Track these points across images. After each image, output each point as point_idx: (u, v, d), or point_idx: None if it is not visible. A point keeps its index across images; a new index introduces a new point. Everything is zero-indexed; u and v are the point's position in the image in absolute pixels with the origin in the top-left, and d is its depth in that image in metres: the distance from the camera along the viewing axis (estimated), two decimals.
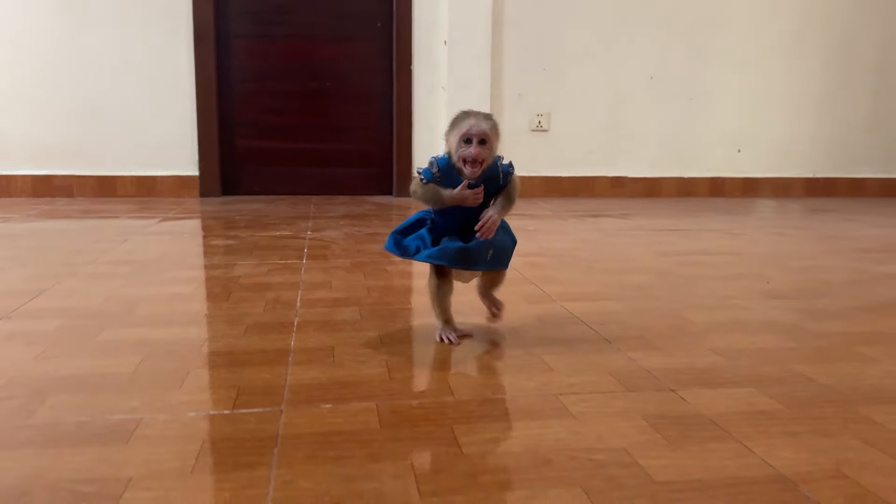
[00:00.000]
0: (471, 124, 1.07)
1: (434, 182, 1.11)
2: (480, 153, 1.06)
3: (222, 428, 0.81)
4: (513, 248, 1.18)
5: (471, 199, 1.09)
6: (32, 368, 1.02)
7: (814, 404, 0.93)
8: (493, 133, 1.09)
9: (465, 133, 1.07)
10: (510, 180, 1.13)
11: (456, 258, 1.09)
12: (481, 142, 1.07)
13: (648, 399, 0.93)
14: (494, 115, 1.12)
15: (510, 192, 1.13)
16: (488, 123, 1.08)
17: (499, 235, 1.13)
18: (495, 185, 1.12)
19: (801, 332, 1.28)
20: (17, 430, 0.81)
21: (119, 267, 1.77)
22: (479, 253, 1.10)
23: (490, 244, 1.11)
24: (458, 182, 1.09)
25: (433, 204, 1.12)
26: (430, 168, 1.11)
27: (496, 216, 1.10)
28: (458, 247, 1.09)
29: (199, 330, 1.25)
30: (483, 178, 1.09)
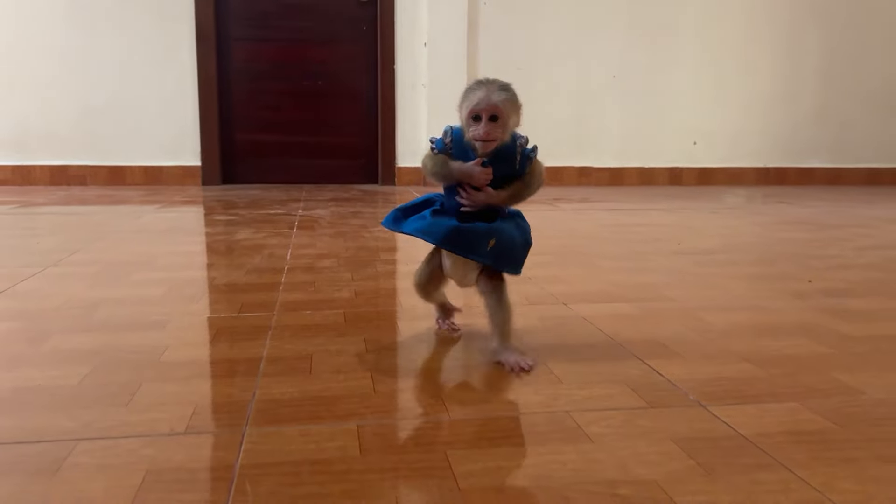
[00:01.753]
0: (479, 97, 0.91)
1: (445, 153, 0.96)
2: (491, 132, 0.91)
3: (230, 325, 1.15)
4: (524, 249, 1.00)
5: (478, 177, 0.93)
6: (86, 294, 1.36)
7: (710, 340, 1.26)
8: (506, 107, 0.92)
9: (472, 109, 0.91)
10: (531, 166, 0.97)
11: (447, 237, 0.93)
12: (492, 118, 0.91)
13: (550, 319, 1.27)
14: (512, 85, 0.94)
15: (529, 181, 0.96)
16: (500, 95, 0.91)
17: (506, 227, 0.97)
18: (510, 168, 0.95)
19: (683, 273, 1.62)
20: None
21: (139, 234, 2.10)
22: (477, 238, 0.93)
23: (494, 233, 0.94)
24: (470, 157, 0.94)
25: (441, 178, 0.96)
26: (444, 138, 0.96)
27: (495, 197, 0.95)
28: (452, 225, 0.94)
29: (211, 272, 1.58)
30: (498, 153, 0.94)
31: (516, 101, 0.94)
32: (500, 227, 0.96)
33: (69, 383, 0.89)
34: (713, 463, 0.69)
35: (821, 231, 2.34)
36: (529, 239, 1.01)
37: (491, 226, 0.95)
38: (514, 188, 0.96)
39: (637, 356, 1.01)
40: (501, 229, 0.96)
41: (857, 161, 4.27)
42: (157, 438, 0.74)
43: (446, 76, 3.72)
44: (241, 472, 0.67)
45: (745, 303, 1.36)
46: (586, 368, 0.96)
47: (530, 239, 1.02)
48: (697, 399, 0.85)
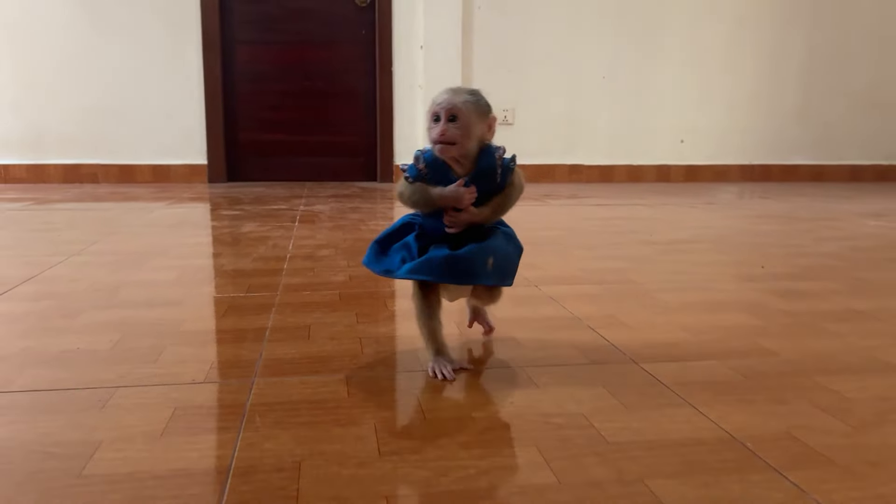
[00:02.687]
0: (441, 99, 0.90)
1: (421, 180, 0.92)
2: (447, 131, 0.88)
3: (239, 303, 1.32)
4: (518, 258, 0.97)
5: (465, 199, 0.90)
6: (108, 278, 1.52)
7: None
8: (468, 108, 0.89)
9: (433, 110, 0.90)
10: (510, 179, 0.93)
11: (444, 270, 0.88)
12: (451, 118, 0.88)
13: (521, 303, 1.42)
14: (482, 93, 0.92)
15: (510, 192, 0.94)
16: (462, 97, 0.89)
17: (498, 242, 0.93)
18: (492, 184, 0.92)
19: (649, 260, 1.78)
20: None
21: (151, 227, 2.27)
22: (474, 262, 0.89)
23: (489, 251, 0.90)
24: (448, 178, 0.91)
25: (423, 207, 0.93)
26: (416, 164, 0.92)
27: (479, 215, 0.92)
28: (446, 255, 0.88)
29: (220, 260, 1.75)
30: (479, 171, 0.91)
31: (483, 109, 0.90)
32: (494, 245, 0.92)
33: (103, 347, 1.05)
34: (633, 402, 0.85)
35: (789, 224, 2.49)
36: (520, 244, 0.99)
37: (483, 245, 0.91)
38: (496, 203, 0.93)
39: (590, 327, 1.17)
40: (495, 246, 0.92)
41: (840, 158, 4.42)
42: (181, 386, 0.90)
43: (442, 77, 3.87)
44: (251, 408, 0.83)
45: (699, 285, 1.52)
46: (544, 336, 1.12)
47: (521, 244, 0.99)
48: (632, 358, 1.01)
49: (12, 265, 1.65)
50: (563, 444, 0.74)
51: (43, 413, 0.81)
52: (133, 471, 0.68)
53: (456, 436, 0.76)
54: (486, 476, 0.67)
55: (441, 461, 0.70)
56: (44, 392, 0.88)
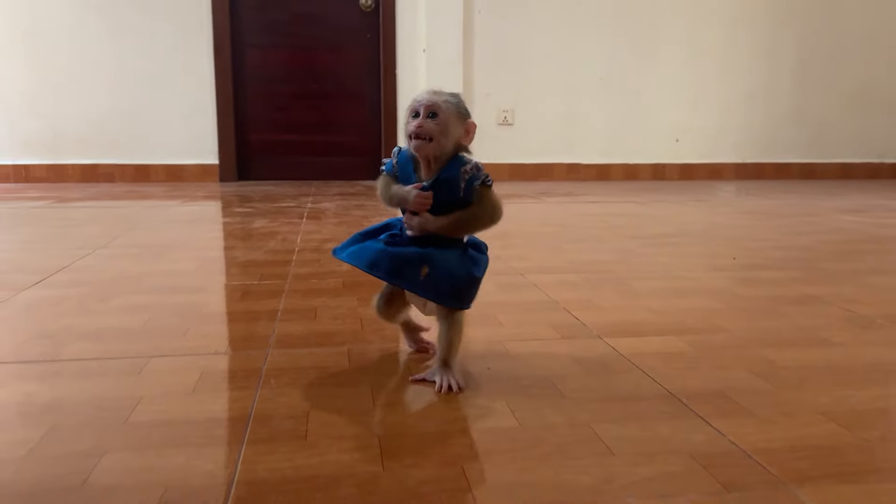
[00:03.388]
0: (422, 96, 0.90)
1: (392, 176, 0.93)
2: (424, 125, 0.87)
3: (253, 289, 1.46)
4: (468, 283, 0.92)
5: (414, 202, 0.88)
6: (133, 269, 1.68)
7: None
8: (448, 109, 0.88)
9: (413, 106, 0.90)
10: (478, 198, 0.90)
11: (372, 263, 0.88)
12: (430, 115, 0.88)
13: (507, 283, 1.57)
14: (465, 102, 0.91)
15: (477, 212, 0.90)
16: (442, 97, 0.89)
17: (446, 256, 0.90)
18: (453, 194, 0.89)
19: (630, 252, 1.91)
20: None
21: (169, 223, 2.42)
22: (406, 264, 0.88)
23: (427, 259, 0.88)
24: (412, 180, 0.91)
25: (385, 201, 0.94)
26: (392, 158, 0.94)
27: (431, 221, 0.90)
28: (378, 248, 0.90)
29: (234, 252, 1.90)
30: (437, 179, 0.89)
31: (463, 113, 0.90)
32: (437, 256, 0.89)
33: (135, 326, 1.20)
34: (592, 368, 1.00)
35: (769, 219, 2.63)
36: (478, 273, 0.93)
37: (424, 252, 0.88)
38: (456, 217, 0.89)
39: (566, 309, 1.31)
40: (436, 257, 0.88)
41: (832, 156, 4.54)
42: (206, 356, 1.05)
43: (444, 80, 4.02)
44: (267, 373, 0.97)
45: (671, 274, 1.65)
46: (524, 316, 1.27)
47: (479, 273, 0.93)
48: (598, 334, 1.16)
49: (44, 257, 1.81)
50: (527, 399, 0.89)
51: (90, 377, 0.96)
52: (170, 418, 0.83)
53: (438, 394, 0.90)
54: (461, 421, 0.82)
55: (425, 410, 0.85)
56: (88, 361, 1.03)
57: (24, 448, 0.74)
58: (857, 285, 1.54)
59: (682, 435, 0.79)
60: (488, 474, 0.70)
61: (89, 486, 0.67)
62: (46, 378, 0.95)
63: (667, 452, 0.74)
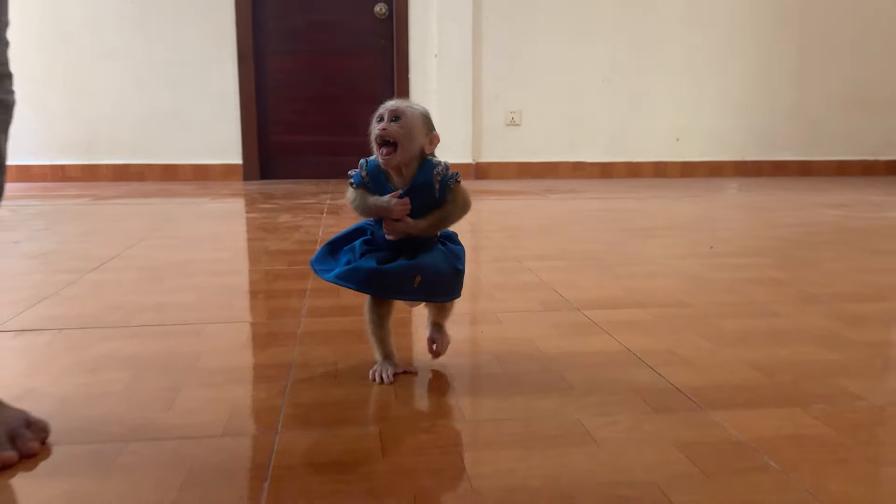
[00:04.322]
0: (386, 104, 0.93)
1: (363, 187, 0.95)
2: (389, 128, 0.90)
3: (283, 273, 1.69)
4: (455, 276, 0.97)
5: (395, 211, 0.92)
6: (177, 256, 1.91)
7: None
8: (413, 115, 0.92)
9: (378, 112, 0.93)
10: (453, 194, 0.95)
11: (367, 282, 0.91)
12: (394, 119, 0.90)
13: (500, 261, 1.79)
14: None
15: (451, 209, 0.95)
16: (408, 104, 0.93)
17: (432, 259, 0.94)
18: (429, 197, 0.93)
19: (617, 243, 2.13)
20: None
21: (202, 218, 2.66)
22: (400, 278, 0.92)
23: (418, 269, 0.92)
24: (387, 189, 0.93)
25: (364, 214, 0.96)
26: (360, 171, 0.95)
27: (413, 226, 0.93)
28: (371, 268, 0.91)
29: (264, 243, 2.13)
30: (413, 186, 0.93)
31: (428, 123, 0.94)
32: (425, 263, 0.93)
33: (188, 301, 1.43)
34: (568, 332, 1.22)
35: (755, 213, 2.82)
36: (461, 266, 0.99)
37: (413, 263, 0.93)
38: (435, 216, 0.94)
39: (553, 288, 1.53)
40: (426, 264, 0.93)
41: (827, 154, 4.71)
42: (251, 323, 1.28)
43: (454, 83, 4.24)
44: (301, 335, 1.20)
45: (650, 261, 1.87)
46: (515, 293, 1.48)
47: (461, 265, 0.99)
48: (577, 307, 1.37)
49: (97, 247, 2.05)
50: (511, 355, 1.11)
51: (159, 338, 1.19)
52: (228, 366, 1.05)
53: (432, 351, 1.12)
54: (458, 367, 1.04)
55: (425, 360, 1.07)
56: (155, 326, 1.26)
57: (121, 384, 0.97)
58: (816, 270, 1.75)
59: (630, 378, 1.00)
60: (475, 400, 0.92)
61: (175, 408, 0.90)
62: (124, 339, 1.19)
63: (615, 388, 0.96)
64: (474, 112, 4.28)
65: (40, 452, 0.77)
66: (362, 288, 0.93)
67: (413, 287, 0.93)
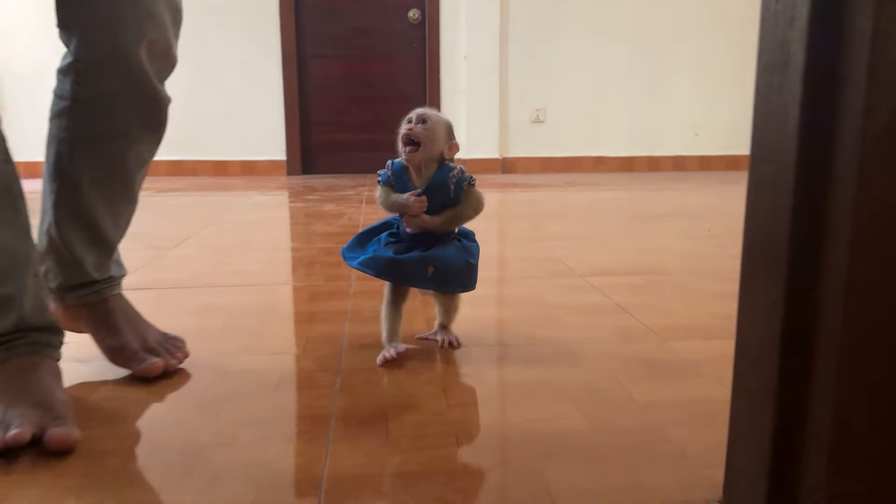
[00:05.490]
0: (416, 110, 1.05)
1: (388, 185, 1.06)
2: (415, 129, 1.01)
3: (332, 250, 2.00)
4: (467, 270, 1.06)
5: (412, 207, 1.01)
6: (241, 238, 2.23)
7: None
8: (438, 121, 1.03)
9: (408, 115, 1.04)
10: (466, 195, 1.04)
11: (384, 269, 1.02)
12: (421, 122, 1.02)
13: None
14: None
15: (463, 208, 1.04)
16: (434, 111, 1.04)
17: (446, 252, 1.03)
18: (445, 196, 1.03)
19: (622, 227, 2.39)
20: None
21: (257, 207, 2.99)
22: (414, 267, 1.02)
23: (431, 260, 1.02)
24: (409, 188, 1.03)
25: (388, 209, 1.07)
26: (387, 171, 1.06)
27: (429, 221, 1.03)
28: (389, 257, 1.02)
29: (313, 227, 2.44)
30: (430, 186, 1.03)
31: (450, 132, 1.05)
32: (438, 254, 1.02)
33: (258, 269, 1.74)
34: (569, 292, 1.50)
35: None
36: (473, 260, 1.07)
37: (426, 254, 1.02)
38: (448, 214, 1.04)
39: (560, 260, 1.81)
40: (438, 256, 1.02)
41: None
42: (313, 285, 1.58)
43: (482, 83, 4.52)
44: (353, 292, 1.50)
45: (649, 240, 2.13)
46: (529, 265, 1.77)
47: (474, 260, 1.07)
48: (581, 275, 1.65)
49: (172, 230, 2.38)
50: (522, 306, 1.39)
51: (243, 294, 1.50)
52: (299, 311, 1.36)
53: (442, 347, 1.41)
54: (482, 315, 1.33)
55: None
56: (238, 286, 1.57)
57: (220, 322, 1.29)
58: None
59: (613, 322, 1.28)
60: (491, 333, 1.21)
61: (264, 337, 1.20)
62: (214, 295, 1.50)
63: (601, 327, 1.24)
64: (501, 110, 4.56)
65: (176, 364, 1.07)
66: (380, 275, 1.03)
67: (426, 276, 1.02)
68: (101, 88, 0.94)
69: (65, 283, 1.01)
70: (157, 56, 0.98)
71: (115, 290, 1.06)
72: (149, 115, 1.00)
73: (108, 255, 1.05)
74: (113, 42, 0.92)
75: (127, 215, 1.08)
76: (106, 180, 1.00)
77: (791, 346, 0.57)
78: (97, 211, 1.00)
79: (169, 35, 1.00)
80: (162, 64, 1.01)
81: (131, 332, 1.02)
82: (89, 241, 1.01)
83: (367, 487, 0.70)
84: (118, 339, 1.01)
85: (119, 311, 1.04)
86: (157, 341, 1.04)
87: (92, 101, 0.95)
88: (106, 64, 0.93)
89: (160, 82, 1.02)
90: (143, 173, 1.07)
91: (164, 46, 0.99)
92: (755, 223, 0.61)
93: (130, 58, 0.93)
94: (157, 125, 1.03)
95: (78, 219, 0.99)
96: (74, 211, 0.99)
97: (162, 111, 1.03)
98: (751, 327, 0.63)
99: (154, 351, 1.02)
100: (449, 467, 0.74)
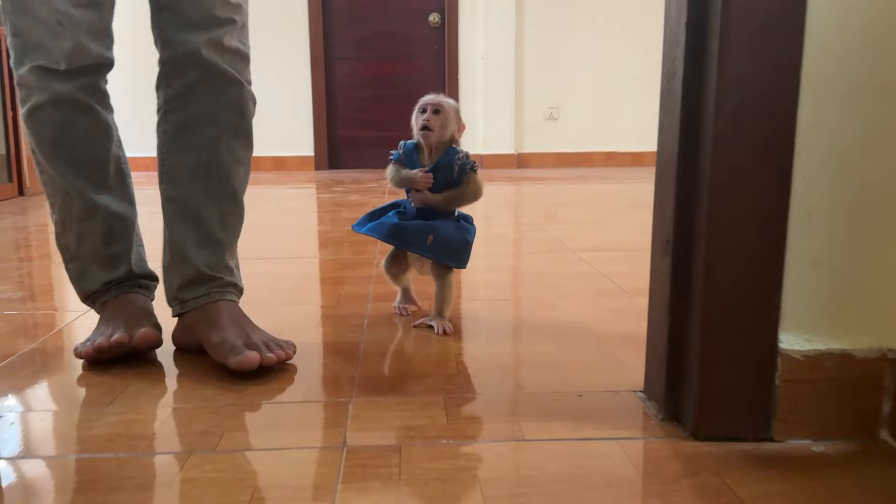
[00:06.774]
0: (429, 97, 1.14)
1: (399, 164, 1.16)
2: (430, 119, 1.11)
3: (361, 238, 2.28)
4: (463, 246, 1.16)
5: (419, 182, 1.12)
6: (284, 222, 2.52)
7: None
8: (449, 108, 1.13)
9: (421, 104, 1.14)
10: (467, 179, 1.14)
11: (389, 233, 1.14)
12: (435, 112, 1.12)
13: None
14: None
15: (463, 191, 1.14)
16: (445, 98, 1.13)
17: (445, 226, 1.14)
18: (449, 176, 1.13)
19: (619, 215, 2.64)
20: None
21: (292, 197, 3.28)
22: (415, 234, 1.13)
23: (430, 229, 1.12)
24: (417, 166, 1.14)
25: (396, 183, 1.16)
26: (399, 150, 1.17)
27: (431, 197, 1.14)
28: (393, 223, 1.14)
29: (342, 214, 2.73)
30: (437, 165, 1.13)
31: (458, 115, 1.16)
32: (438, 226, 1.13)
33: (297, 246, 2.02)
34: (559, 264, 1.76)
35: None
36: (468, 238, 1.18)
37: (428, 223, 1.13)
38: (449, 194, 1.15)
39: (559, 239, 2.06)
40: (438, 227, 1.13)
41: None
42: (342, 258, 1.86)
43: (498, 82, 4.78)
44: (376, 262, 1.78)
45: (639, 224, 2.37)
46: (529, 245, 2.03)
47: (470, 239, 1.18)
48: (573, 250, 1.91)
49: None
50: (521, 274, 1.65)
51: (285, 264, 1.78)
52: (334, 276, 1.64)
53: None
54: (491, 282, 1.60)
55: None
56: (280, 259, 1.85)
57: (268, 282, 1.57)
58: None
59: (593, 284, 1.54)
60: (488, 290, 1.48)
61: (306, 294, 1.48)
62: (263, 265, 1.78)
63: (582, 288, 1.50)
64: (516, 108, 4.81)
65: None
66: (386, 238, 1.14)
67: (426, 244, 1.12)
68: (184, 82, 1.05)
69: (181, 282, 1.06)
70: (225, 49, 1.05)
71: (227, 294, 1.07)
72: (230, 102, 1.07)
73: (217, 254, 1.07)
74: (184, 41, 1.03)
75: (233, 218, 1.10)
76: (202, 170, 1.06)
77: (677, 271, 0.83)
78: (198, 202, 1.05)
79: (233, 30, 1.07)
80: (232, 56, 1.07)
81: (234, 329, 1.02)
82: (197, 239, 1.06)
83: (387, 383, 0.97)
84: (219, 334, 1.01)
85: (226, 311, 1.05)
86: (260, 340, 1.02)
87: (178, 96, 1.06)
88: (183, 61, 1.04)
89: (238, 73, 1.08)
90: (243, 176, 1.13)
91: (230, 40, 1.06)
92: (660, 185, 0.88)
93: (200, 53, 1.03)
94: (239, 111, 1.09)
95: (184, 214, 1.05)
96: (176, 200, 1.06)
97: (239, 97, 1.09)
98: (655, 261, 0.90)
99: (254, 347, 1.00)
100: (447, 373, 1.01)
